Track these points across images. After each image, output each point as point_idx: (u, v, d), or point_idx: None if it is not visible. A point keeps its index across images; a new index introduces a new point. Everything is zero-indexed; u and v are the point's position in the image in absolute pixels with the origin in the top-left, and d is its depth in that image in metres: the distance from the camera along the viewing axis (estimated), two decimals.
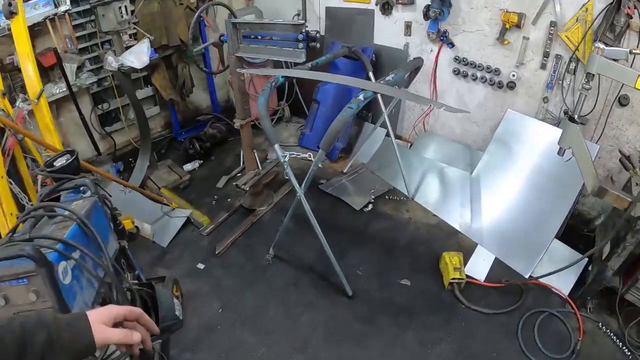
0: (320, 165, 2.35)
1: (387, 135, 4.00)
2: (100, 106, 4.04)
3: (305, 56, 2.69)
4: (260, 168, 3.36)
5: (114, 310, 0.86)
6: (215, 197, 3.75)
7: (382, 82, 2.39)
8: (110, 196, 1.73)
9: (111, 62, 3.28)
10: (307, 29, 2.61)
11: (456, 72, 3.47)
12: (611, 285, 2.58)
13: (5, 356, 0.71)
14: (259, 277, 3.00)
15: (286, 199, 3.61)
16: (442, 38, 3.40)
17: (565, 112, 2.98)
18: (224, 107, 5.09)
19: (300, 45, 2.66)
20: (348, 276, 2.91)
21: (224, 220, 3.45)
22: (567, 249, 2.94)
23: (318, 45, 2.67)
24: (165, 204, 3.48)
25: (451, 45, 3.38)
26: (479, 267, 2.98)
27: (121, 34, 3.45)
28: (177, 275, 3.02)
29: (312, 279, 2.96)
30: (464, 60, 3.38)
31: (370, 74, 3.35)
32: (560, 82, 2.96)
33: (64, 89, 3.60)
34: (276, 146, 2.38)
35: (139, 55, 3.33)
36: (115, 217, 2.12)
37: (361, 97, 2.14)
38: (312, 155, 2.34)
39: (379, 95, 3.27)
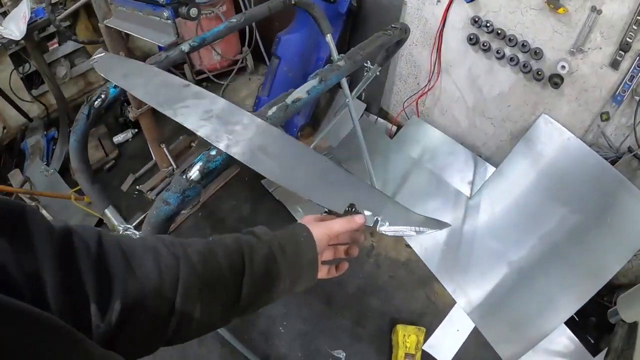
0: None
1: (367, 110, 2.90)
2: (20, 68, 3.21)
3: (175, 33, 1.60)
4: (175, 166, 2.47)
5: (334, 230, 0.75)
6: (138, 186, 2.95)
7: (268, 113, 1.19)
8: None
9: None
10: None
11: (472, 41, 2.19)
12: None
13: (224, 279, 0.61)
14: None
15: (217, 199, 2.76)
16: None
17: (631, 150, 1.80)
18: None
19: (166, 13, 1.56)
20: (267, 333, 2.25)
21: (138, 224, 2.69)
22: (573, 340, 2.06)
23: (194, 12, 1.55)
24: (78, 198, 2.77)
25: None
26: (447, 340, 2.18)
27: None
28: None
29: (225, 329, 2.29)
30: (487, 25, 2.08)
31: (329, 39, 2.11)
32: (638, 97, 1.72)
33: None
34: (107, 212, 1.47)
35: (17, 22, 2.31)
36: None
37: (185, 179, 1.07)
38: None
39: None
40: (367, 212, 0.87)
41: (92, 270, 0.47)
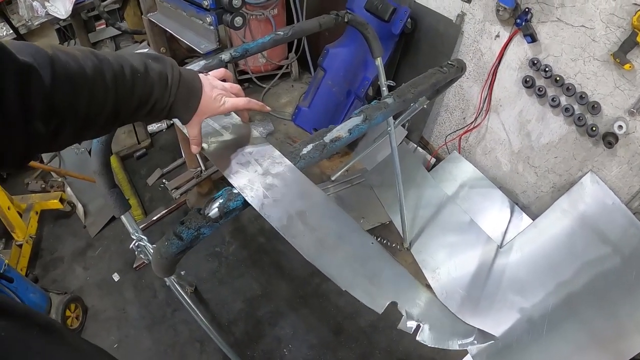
0: None
1: (407, 137, 2.92)
2: (65, 44, 3.47)
3: (217, 41, 1.68)
4: (203, 167, 2.57)
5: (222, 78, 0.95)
6: (164, 181, 3.09)
7: (302, 152, 0.94)
8: None
9: (37, 8, 2.59)
10: None
11: (528, 84, 2.17)
12: None
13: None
14: (167, 316, 2.49)
15: None
16: (518, 21, 2.06)
17: None
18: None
19: (209, 18, 1.63)
20: (270, 353, 2.32)
21: (159, 219, 2.85)
22: None
23: (238, 21, 1.62)
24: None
25: (531, 38, 2.04)
26: None
27: None
28: (91, 281, 2.68)
29: (226, 343, 2.36)
30: (545, 69, 2.07)
31: (379, 62, 2.13)
32: None
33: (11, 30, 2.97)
34: (123, 218, 1.54)
35: (64, 1, 2.51)
36: None
37: None
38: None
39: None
40: (410, 323, 0.79)
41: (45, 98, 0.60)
